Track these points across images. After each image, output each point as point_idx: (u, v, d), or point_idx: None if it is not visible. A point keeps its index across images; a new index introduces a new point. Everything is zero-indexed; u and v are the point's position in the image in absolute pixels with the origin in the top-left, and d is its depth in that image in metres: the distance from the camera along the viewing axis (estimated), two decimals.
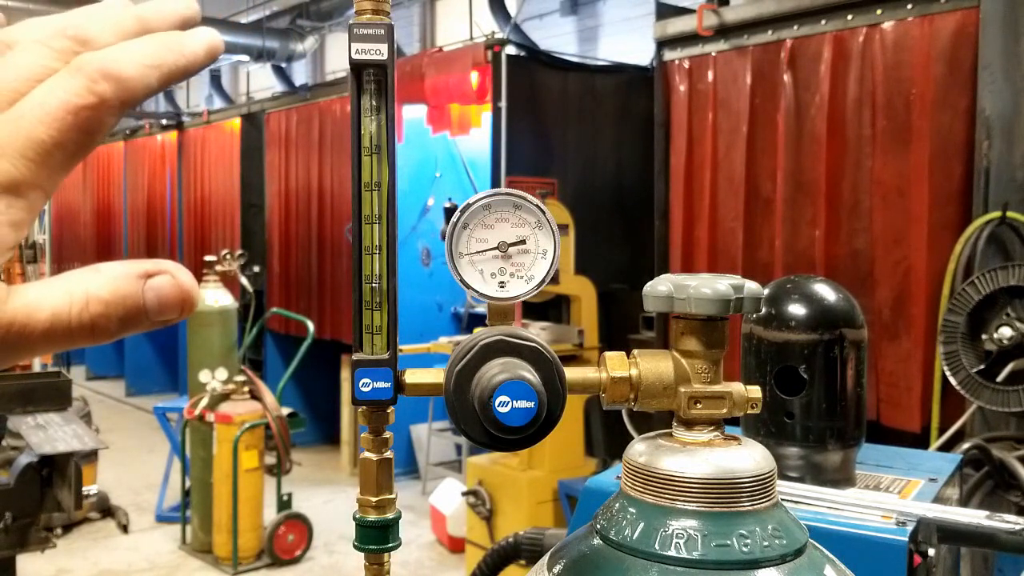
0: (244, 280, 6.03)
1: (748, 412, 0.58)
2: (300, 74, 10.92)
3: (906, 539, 1.11)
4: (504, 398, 0.53)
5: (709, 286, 0.56)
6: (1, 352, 0.35)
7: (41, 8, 8.53)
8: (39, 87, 0.35)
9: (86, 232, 11.23)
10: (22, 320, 0.35)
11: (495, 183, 4.97)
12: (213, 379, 4.79)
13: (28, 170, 0.35)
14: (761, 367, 1.31)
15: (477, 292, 0.59)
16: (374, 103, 0.57)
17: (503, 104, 4.96)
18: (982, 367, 2.95)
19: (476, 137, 6.10)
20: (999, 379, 2.90)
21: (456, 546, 5.02)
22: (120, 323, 0.37)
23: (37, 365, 4.40)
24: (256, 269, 7.27)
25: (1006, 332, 2.90)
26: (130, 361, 9.87)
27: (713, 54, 4.17)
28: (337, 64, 10.76)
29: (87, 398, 6.16)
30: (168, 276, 0.38)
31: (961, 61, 3.34)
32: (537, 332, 3.13)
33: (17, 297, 0.35)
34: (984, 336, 2.97)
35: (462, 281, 0.59)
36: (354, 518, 0.59)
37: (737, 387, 0.58)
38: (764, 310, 1.31)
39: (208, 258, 5.34)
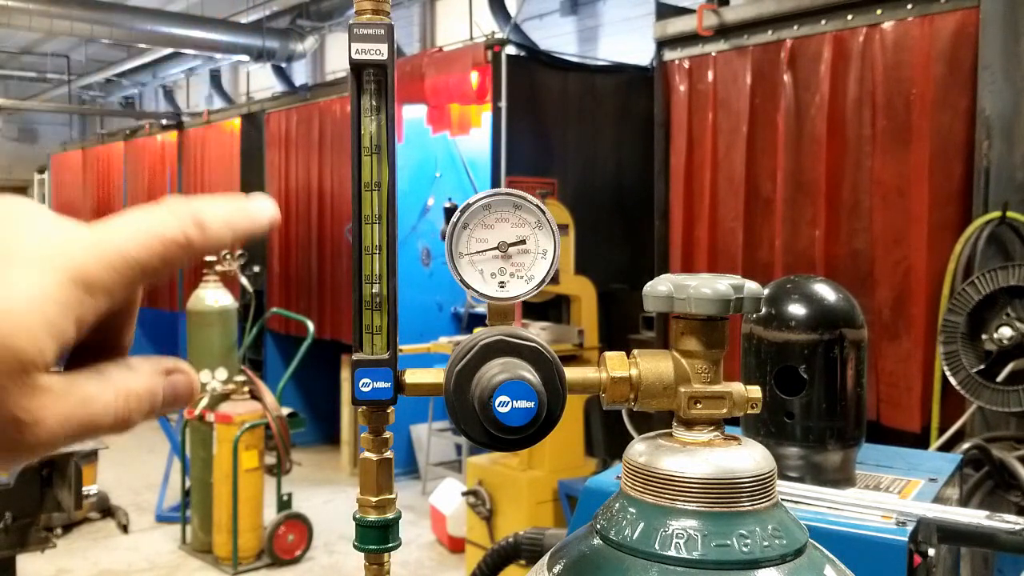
0: (244, 280, 6.03)
1: (748, 412, 0.58)
2: (300, 74, 10.91)
3: (906, 539, 1.11)
4: (504, 398, 0.53)
5: (709, 286, 0.56)
6: (59, 440, 0.38)
7: (41, 8, 8.52)
8: (140, 213, 0.40)
9: None
10: (79, 414, 0.38)
11: (495, 183, 4.97)
12: (213, 379, 4.79)
13: (108, 276, 0.38)
14: (761, 367, 1.31)
15: (477, 292, 0.59)
16: (374, 103, 0.57)
17: (503, 104, 4.96)
18: (982, 367, 2.95)
19: (476, 137, 6.10)
20: (999, 379, 2.90)
21: (456, 546, 5.02)
22: (144, 415, 0.41)
23: None
24: (256, 269, 7.27)
25: (1006, 332, 2.90)
26: None
27: (713, 54, 4.17)
28: (337, 64, 10.75)
29: None
30: (185, 375, 0.43)
31: (961, 61, 3.34)
32: (537, 332, 3.13)
33: (76, 390, 0.38)
34: (984, 336, 2.97)
35: (462, 281, 0.59)
36: (354, 518, 0.59)
37: (737, 387, 0.58)
38: (764, 310, 1.31)
39: (208, 258, 5.34)
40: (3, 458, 0.37)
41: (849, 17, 3.66)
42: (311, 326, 5.46)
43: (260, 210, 0.44)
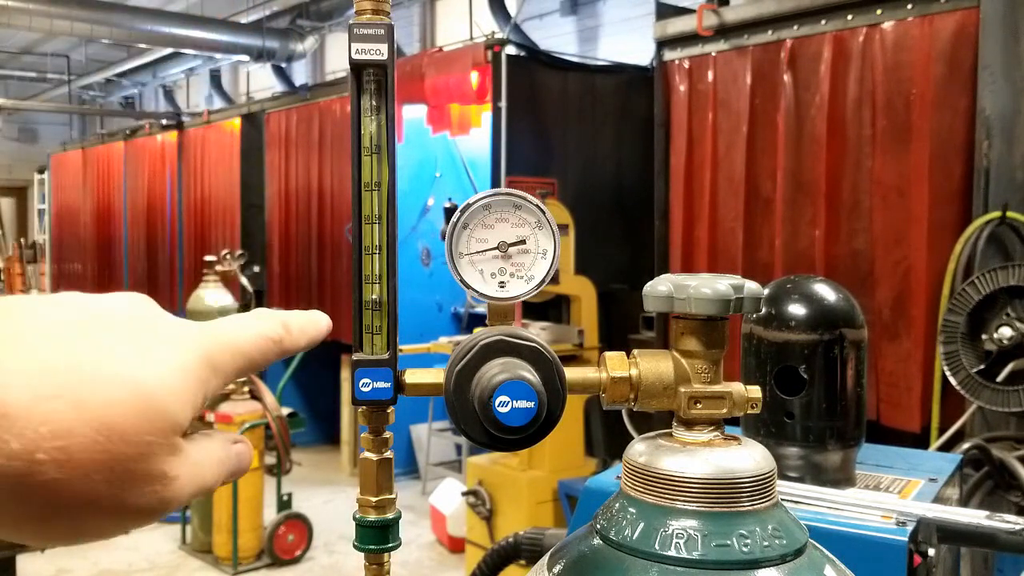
0: (244, 280, 6.03)
1: (748, 412, 0.58)
2: (300, 74, 10.90)
3: (906, 539, 1.11)
4: (504, 398, 0.53)
5: (709, 286, 0.56)
6: (183, 498, 0.44)
7: (41, 8, 8.52)
8: (243, 317, 0.50)
9: (86, 232, 11.23)
10: (196, 476, 0.45)
11: (495, 183, 4.97)
12: None
13: (228, 362, 0.47)
14: (761, 367, 1.31)
15: (477, 292, 0.59)
16: (374, 103, 0.57)
17: (503, 104, 4.96)
18: (982, 367, 2.95)
19: (476, 137, 6.10)
20: (999, 379, 2.90)
21: (456, 546, 5.02)
22: (225, 482, 0.48)
23: None
24: (256, 269, 7.27)
25: (1006, 332, 2.90)
26: None
27: (713, 54, 4.17)
28: (337, 64, 10.75)
29: None
30: (245, 445, 0.50)
31: (961, 61, 3.34)
32: (537, 332, 3.12)
33: (191, 454, 0.45)
34: (984, 336, 2.97)
35: (462, 281, 0.59)
36: (354, 518, 0.59)
37: (737, 387, 0.58)
38: (764, 310, 1.31)
39: (208, 258, 5.34)
40: (148, 511, 0.43)
41: (849, 17, 3.66)
42: None
43: (320, 320, 0.54)
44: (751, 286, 0.57)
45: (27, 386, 0.39)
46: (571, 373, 0.58)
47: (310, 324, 0.53)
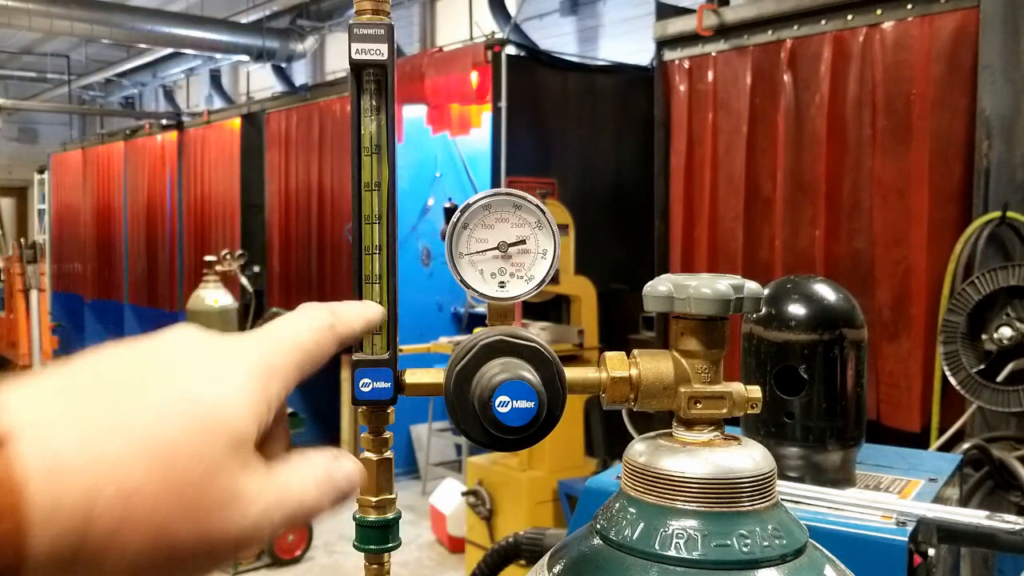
0: (244, 280, 6.03)
1: (748, 412, 0.58)
2: (300, 74, 10.90)
3: (906, 539, 1.11)
4: (504, 398, 0.53)
5: (709, 286, 0.56)
6: (266, 523, 0.41)
7: (41, 8, 8.52)
8: (291, 315, 0.49)
9: (86, 232, 11.23)
10: (283, 499, 0.42)
11: (495, 183, 4.97)
12: None
13: (282, 360, 0.45)
14: (761, 367, 1.31)
15: (477, 292, 0.59)
16: (374, 103, 0.57)
17: (503, 104, 4.96)
18: (982, 367, 2.95)
19: (476, 137, 6.10)
20: (999, 379, 2.90)
21: (456, 546, 5.01)
22: (331, 504, 0.45)
23: (38, 365, 4.39)
24: (256, 269, 7.27)
25: (1006, 332, 2.90)
26: None
27: (713, 54, 4.17)
28: (337, 64, 10.74)
29: None
30: (351, 461, 0.47)
31: (961, 61, 3.34)
32: (537, 332, 3.13)
33: (275, 475, 0.42)
34: (984, 336, 2.97)
35: (462, 281, 0.59)
36: (354, 518, 0.59)
37: (737, 387, 0.58)
38: (764, 310, 1.30)
39: (208, 258, 5.34)
40: (234, 540, 0.39)
41: (849, 17, 3.65)
42: None
43: (372, 305, 0.55)
44: (751, 286, 0.57)
45: (75, 431, 0.36)
46: (571, 373, 0.58)
47: (362, 307, 0.54)
